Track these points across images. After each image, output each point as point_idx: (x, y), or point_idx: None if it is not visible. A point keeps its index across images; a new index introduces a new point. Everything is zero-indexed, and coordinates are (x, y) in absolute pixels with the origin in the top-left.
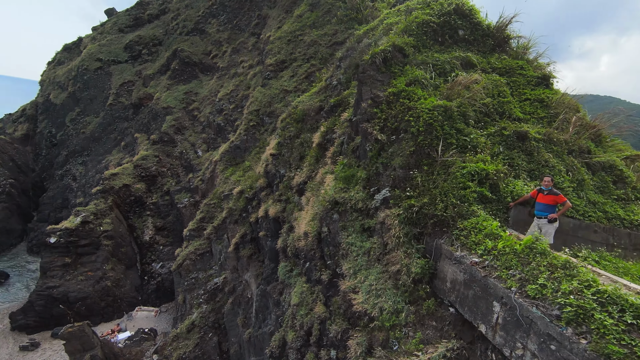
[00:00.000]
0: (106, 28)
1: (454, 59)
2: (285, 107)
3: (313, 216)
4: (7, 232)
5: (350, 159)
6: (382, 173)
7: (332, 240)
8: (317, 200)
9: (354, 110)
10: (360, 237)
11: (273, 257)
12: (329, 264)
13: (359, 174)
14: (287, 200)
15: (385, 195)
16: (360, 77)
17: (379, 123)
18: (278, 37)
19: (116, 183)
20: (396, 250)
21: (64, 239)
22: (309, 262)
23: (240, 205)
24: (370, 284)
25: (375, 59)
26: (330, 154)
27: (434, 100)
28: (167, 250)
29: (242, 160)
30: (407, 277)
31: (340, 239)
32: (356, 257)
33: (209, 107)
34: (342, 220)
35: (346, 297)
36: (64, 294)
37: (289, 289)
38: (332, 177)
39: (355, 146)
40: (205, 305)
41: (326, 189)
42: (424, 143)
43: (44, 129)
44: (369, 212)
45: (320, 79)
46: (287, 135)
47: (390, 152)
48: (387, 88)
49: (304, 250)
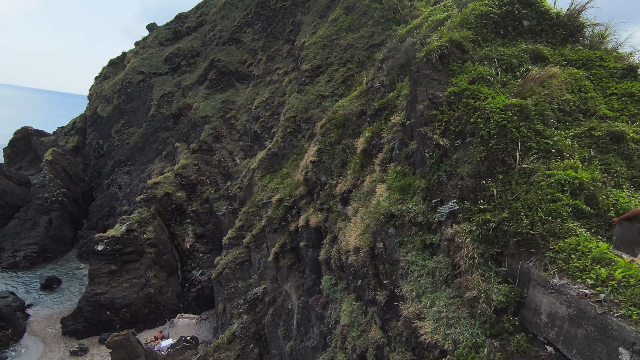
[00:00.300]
0: (148, 42)
1: (522, 52)
2: (323, 112)
3: (364, 229)
4: (60, 239)
5: (404, 166)
6: (445, 182)
7: (388, 257)
8: (367, 211)
9: (406, 113)
10: (422, 254)
11: (314, 268)
12: (386, 284)
13: (416, 183)
14: (329, 209)
15: (453, 209)
16: (414, 77)
17: (439, 126)
18: (313, 43)
19: (158, 192)
20: (470, 273)
21: (111, 247)
22: (360, 280)
23: (280, 213)
24: (439, 311)
25: (430, 56)
26: (378, 161)
27: (503, 98)
28: (207, 258)
29: (279, 167)
30: (486, 306)
31: (398, 256)
32: (418, 277)
33: (245, 115)
34: (399, 235)
35: (409, 324)
36: (110, 300)
37: (334, 304)
38: (383, 187)
39: (409, 152)
40: (246, 315)
41: (378, 200)
42: (497, 148)
43: (92, 140)
44: (431, 227)
45: (360, 82)
46: (328, 141)
47: (454, 159)
48: (446, 87)
49: (355, 266)
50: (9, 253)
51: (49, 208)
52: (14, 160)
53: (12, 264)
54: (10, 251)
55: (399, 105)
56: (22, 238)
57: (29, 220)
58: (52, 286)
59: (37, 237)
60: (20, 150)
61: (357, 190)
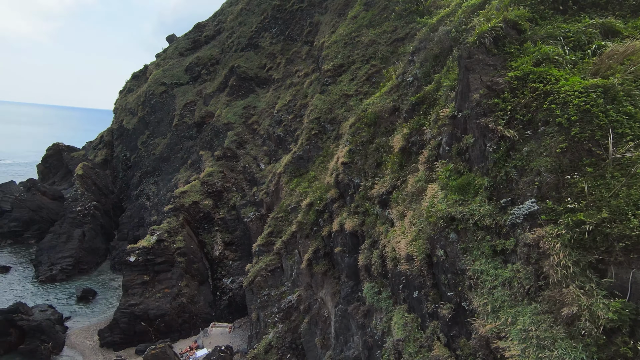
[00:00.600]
0: (168, 54)
1: (590, 27)
2: (348, 112)
3: (416, 235)
4: (93, 251)
5: (457, 163)
6: (516, 179)
7: (450, 265)
8: (417, 214)
9: (456, 104)
10: (492, 262)
11: (351, 274)
12: (450, 296)
13: (477, 181)
14: (366, 212)
15: (531, 209)
16: (465, 64)
17: (502, 116)
18: (333, 42)
19: (186, 200)
20: (565, 285)
21: (142, 258)
22: (417, 291)
23: (311, 218)
24: (526, 329)
25: (483, 40)
26: (423, 159)
27: (579, 80)
28: (237, 265)
29: (306, 170)
30: (591, 325)
31: (463, 264)
32: (491, 289)
33: (267, 119)
34: (462, 240)
35: (486, 343)
36: (145, 311)
37: (379, 313)
38: (436, 187)
39: (463, 147)
40: (281, 324)
41: (432, 202)
42: (581, 136)
43: (119, 153)
44: (501, 231)
45: (389, 77)
46: (359, 141)
47: (526, 152)
48: (505, 72)
49: (407, 275)
50: (46, 266)
51: (82, 221)
52: (47, 175)
53: (49, 277)
54: (47, 265)
55: (441, 97)
56: (58, 251)
57: (64, 234)
58: (88, 298)
59: (71, 250)
60: (53, 166)
61: (399, 192)
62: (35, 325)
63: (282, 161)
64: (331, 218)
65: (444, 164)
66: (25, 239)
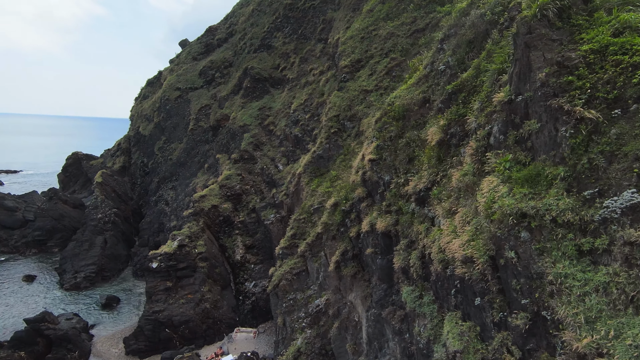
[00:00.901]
0: (181, 59)
1: None
2: (368, 108)
3: (473, 234)
4: (115, 258)
5: (517, 153)
6: (604, 167)
7: (524, 269)
8: (470, 211)
9: (513, 87)
10: (578, 265)
11: (384, 277)
12: (525, 304)
13: (548, 171)
14: (399, 211)
15: (633, 201)
16: (525, 40)
17: (580, 95)
18: (349, 37)
19: (205, 205)
20: None
21: (164, 264)
22: (479, 297)
23: (337, 219)
24: (637, 345)
25: (545, 12)
26: (471, 150)
27: None
28: (259, 269)
29: (326, 170)
30: None
31: (541, 267)
32: (582, 296)
33: (283, 120)
34: (536, 240)
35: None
36: (169, 318)
37: (422, 319)
38: (494, 180)
39: (524, 134)
40: (309, 329)
41: (492, 197)
42: None
43: (137, 159)
44: (587, 227)
45: (415, 68)
46: (387, 136)
47: (614, 135)
48: (576, 47)
49: (465, 280)
50: (70, 274)
51: (103, 228)
52: (67, 184)
53: (73, 285)
54: (71, 272)
55: (485, 83)
56: (81, 259)
57: (86, 242)
58: (112, 305)
59: (94, 258)
60: (73, 174)
61: (440, 187)
62: (61, 334)
63: (301, 161)
64: (359, 218)
65: (499, 155)
66: (48, 248)
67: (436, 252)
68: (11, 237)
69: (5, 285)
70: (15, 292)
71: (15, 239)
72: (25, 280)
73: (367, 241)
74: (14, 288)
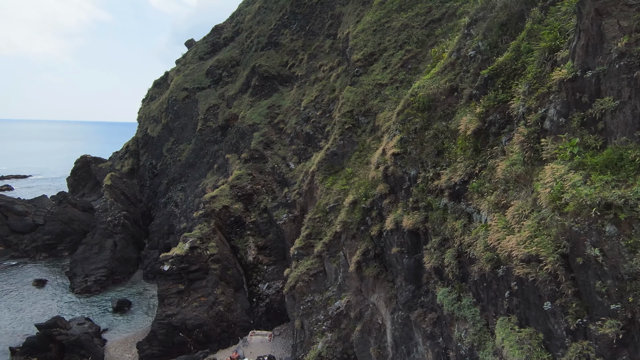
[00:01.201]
0: (188, 59)
1: None
2: (384, 102)
3: (536, 230)
4: (126, 260)
5: (584, 136)
6: None
7: (611, 269)
8: (528, 203)
9: (577, 62)
10: None
11: (411, 277)
12: (614, 310)
13: (636, 154)
14: (428, 207)
15: None
16: (597, 7)
17: None
18: (361, 30)
19: (216, 205)
20: None
21: (176, 266)
22: (549, 302)
23: (356, 217)
24: None
25: None
26: (521, 137)
27: None
28: (272, 270)
29: (341, 167)
30: None
31: (634, 267)
32: None
33: (294, 117)
34: (625, 234)
35: None
36: (182, 321)
37: (462, 323)
38: (558, 168)
39: (595, 114)
40: (330, 333)
41: (560, 186)
42: None
43: (145, 161)
44: None
45: (437, 57)
46: (411, 128)
47: None
48: None
49: (527, 281)
50: (81, 278)
51: (113, 231)
52: (76, 188)
53: (84, 288)
54: (82, 276)
55: (532, 63)
56: (92, 262)
57: (96, 245)
58: (123, 309)
59: (104, 261)
60: (82, 178)
61: (481, 180)
62: (74, 340)
63: (314, 159)
64: (381, 216)
65: (559, 140)
66: (58, 252)
67: (482, 251)
68: (21, 242)
69: (16, 290)
70: (26, 296)
71: (25, 243)
72: (35, 284)
73: (392, 240)
74: (25, 293)
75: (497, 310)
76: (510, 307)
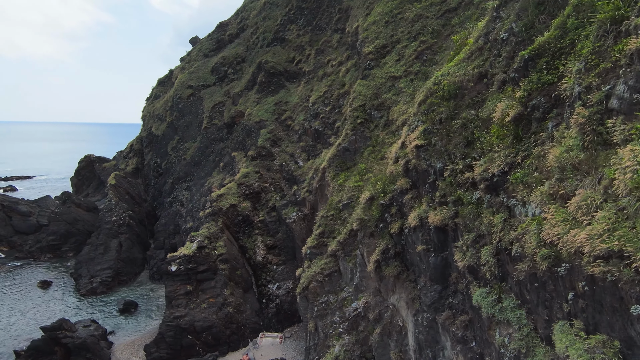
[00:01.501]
0: (192, 56)
1: None
2: (398, 95)
3: (614, 222)
4: (131, 261)
5: None
6: None
7: None
8: (597, 192)
9: None
10: None
11: (437, 277)
12: None
13: None
14: (458, 201)
15: None
16: None
17: None
18: (372, 22)
19: (223, 204)
20: None
21: (184, 266)
22: (638, 306)
23: (374, 214)
24: None
25: None
26: (580, 119)
27: None
28: (281, 270)
29: (353, 163)
30: None
31: None
32: None
33: (302, 114)
34: None
35: None
36: (191, 323)
37: (505, 327)
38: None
39: None
40: (347, 335)
41: None
42: None
43: (150, 160)
44: None
45: (461, 43)
46: (436, 118)
47: None
48: None
49: (606, 281)
50: (86, 279)
51: (118, 231)
52: (80, 188)
53: (90, 290)
54: (87, 277)
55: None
56: (97, 263)
57: (101, 245)
58: (130, 310)
59: (110, 262)
60: (86, 178)
61: (525, 169)
62: (79, 343)
63: (325, 155)
64: (401, 212)
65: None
66: (63, 252)
67: (534, 247)
68: (25, 242)
69: (20, 292)
70: (30, 298)
71: (30, 244)
72: (40, 286)
73: (415, 237)
74: (30, 294)
75: (553, 313)
76: (574, 310)
